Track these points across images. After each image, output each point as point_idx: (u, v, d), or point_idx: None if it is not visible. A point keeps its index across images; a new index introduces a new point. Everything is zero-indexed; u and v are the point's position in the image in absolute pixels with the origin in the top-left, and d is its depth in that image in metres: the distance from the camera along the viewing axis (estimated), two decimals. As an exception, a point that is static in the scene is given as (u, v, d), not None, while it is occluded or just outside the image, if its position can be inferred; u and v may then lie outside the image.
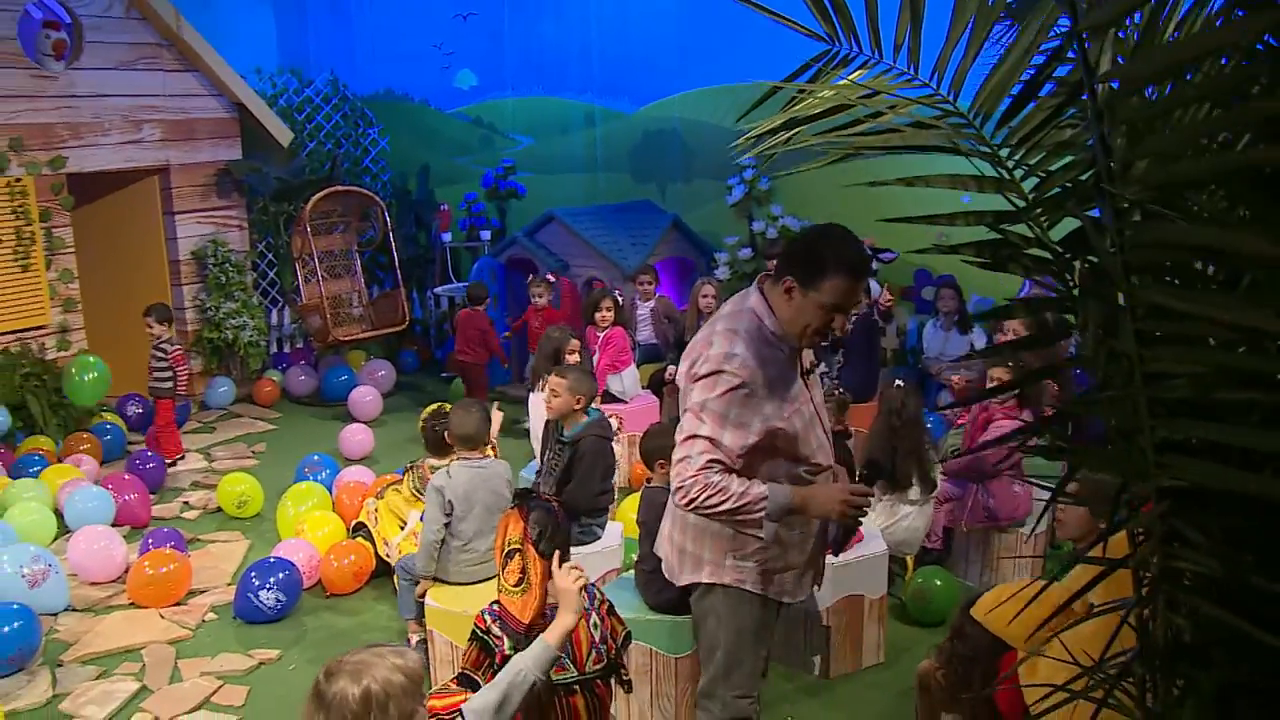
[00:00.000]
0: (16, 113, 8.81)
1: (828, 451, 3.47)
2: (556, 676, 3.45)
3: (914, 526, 5.68)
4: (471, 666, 3.50)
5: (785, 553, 3.45)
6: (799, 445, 3.35)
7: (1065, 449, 1.48)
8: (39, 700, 5.02)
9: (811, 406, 3.40)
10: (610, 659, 3.61)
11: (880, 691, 4.96)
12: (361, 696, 2.45)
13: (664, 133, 10.81)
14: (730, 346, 3.25)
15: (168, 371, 8.19)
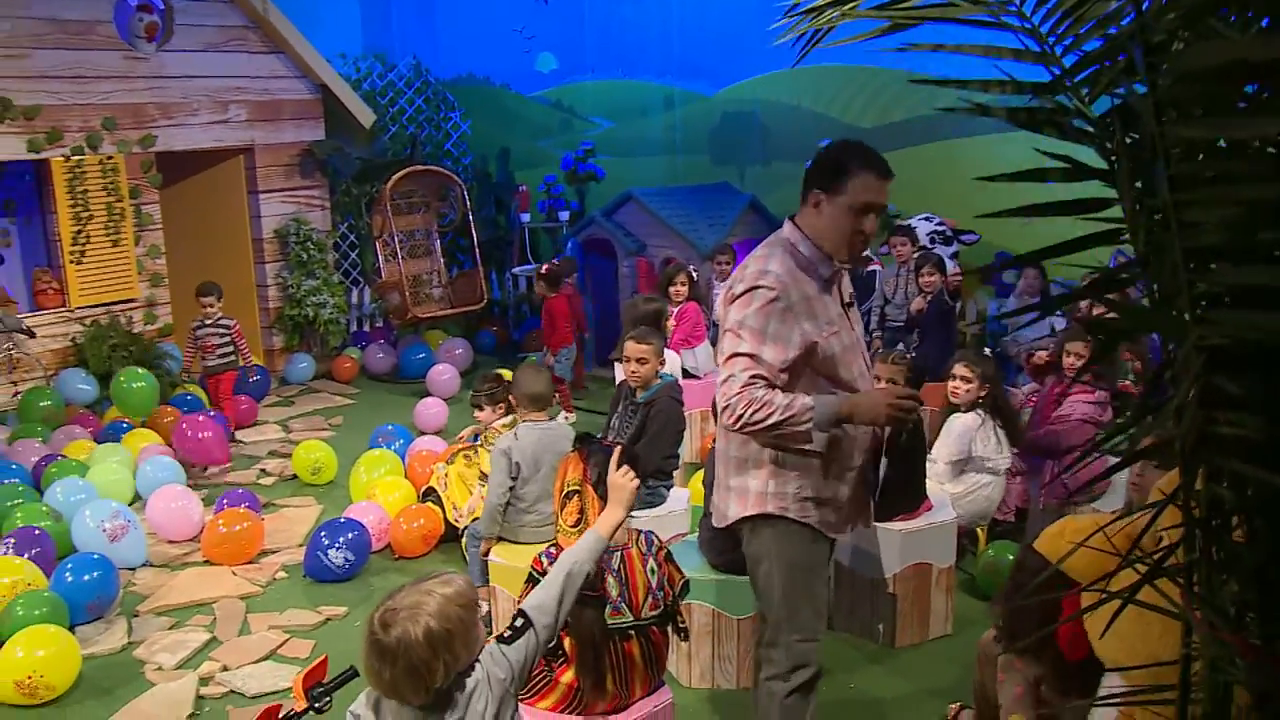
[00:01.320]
0: (110, 93, 9.05)
1: (869, 383, 3.46)
2: (612, 621, 3.43)
3: (990, 497, 5.57)
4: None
5: (827, 484, 3.39)
6: (839, 368, 3.31)
7: (1112, 307, 1.41)
8: (115, 646, 5.15)
9: (853, 335, 3.41)
10: (667, 606, 3.59)
11: (946, 662, 4.87)
12: (425, 639, 2.44)
13: (743, 115, 10.75)
14: (765, 265, 3.27)
15: (229, 346, 8.37)
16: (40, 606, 4.98)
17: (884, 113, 9.87)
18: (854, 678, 4.74)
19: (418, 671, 2.44)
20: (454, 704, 2.54)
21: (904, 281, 8.32)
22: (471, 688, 2.56)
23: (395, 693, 2.48)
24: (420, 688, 2.46)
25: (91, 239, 8.95)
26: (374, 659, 2.46)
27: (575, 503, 3.48)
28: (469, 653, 2.53)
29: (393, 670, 2.43)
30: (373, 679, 2.50)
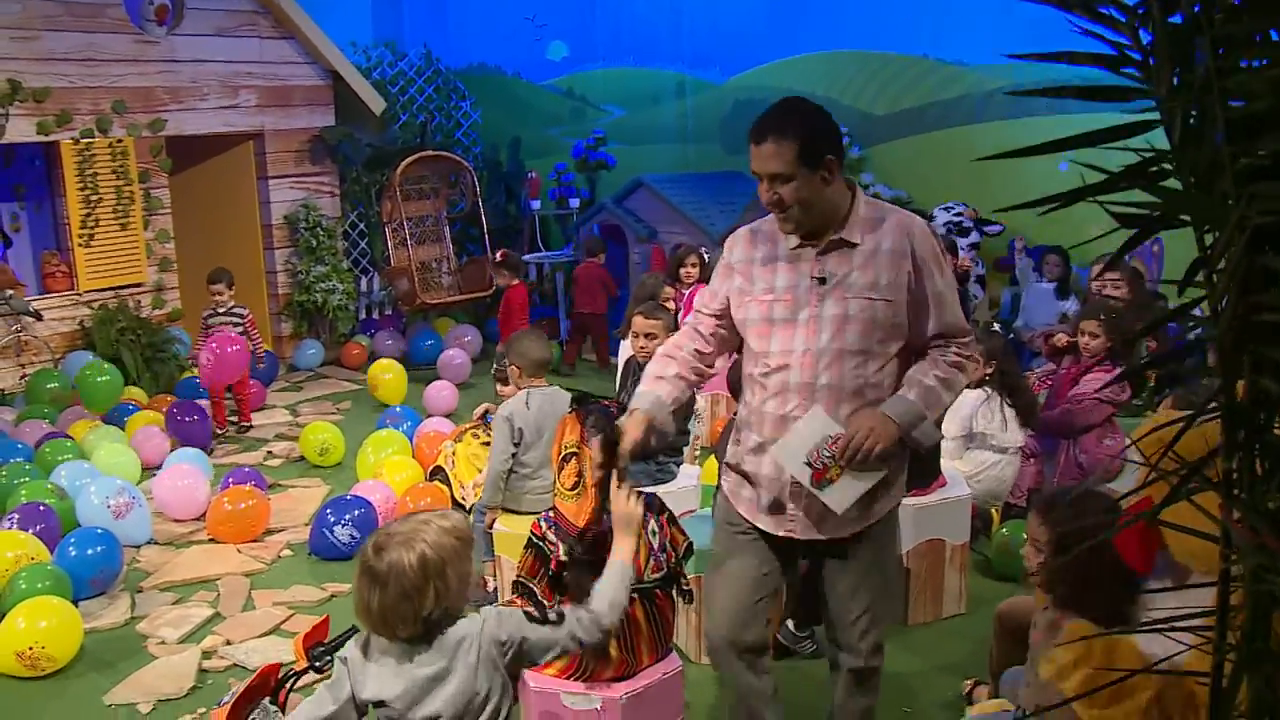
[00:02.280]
0: (120, 76, 9.02)
1: (805, 366, 3.00)
2: None
3: (1001, 477, 5.48)
4: (528, 574, 3.44)
5: (750, 455, 3.17)
6: (753, 336, 3.09)
7: (1151, 190, 1.34)
8: (118, 621, 5.11)
9: (805, 312, 3.00)
10: (670, 568, 3.53)
11: (959, 639, 4.78)
12: (419, 564, 2.42)
13: (755, 102, 10.65)
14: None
15: (244, 335, 8.13)
16: (43, 580, 4.93)
17: (896, 99, 9.80)
18: (866, 654, 4.65)
19: (408, 597, 2.40)
20: (441, 647, 2.48)
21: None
22: (461, 635, 2.50)
23: (384, 623, 2.43)
24: (410, 615, 2.41)
25: (100, 222, 8.91)
26: (365, 585, 2.43)
27: (573, 465, 3.42)
28: (461, 585, 2.49)
29: (383, 596, 2.40)
30: (361, 611, 2.46)
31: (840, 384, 2.99)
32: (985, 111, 9.33)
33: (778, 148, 2.85)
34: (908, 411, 2.90)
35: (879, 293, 2.95)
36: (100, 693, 4.46)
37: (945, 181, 9.34)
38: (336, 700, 2.52)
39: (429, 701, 2.47)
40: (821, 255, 2.98)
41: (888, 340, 3.00)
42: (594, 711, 3.32)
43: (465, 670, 2.49)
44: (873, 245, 2.95)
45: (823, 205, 2.92)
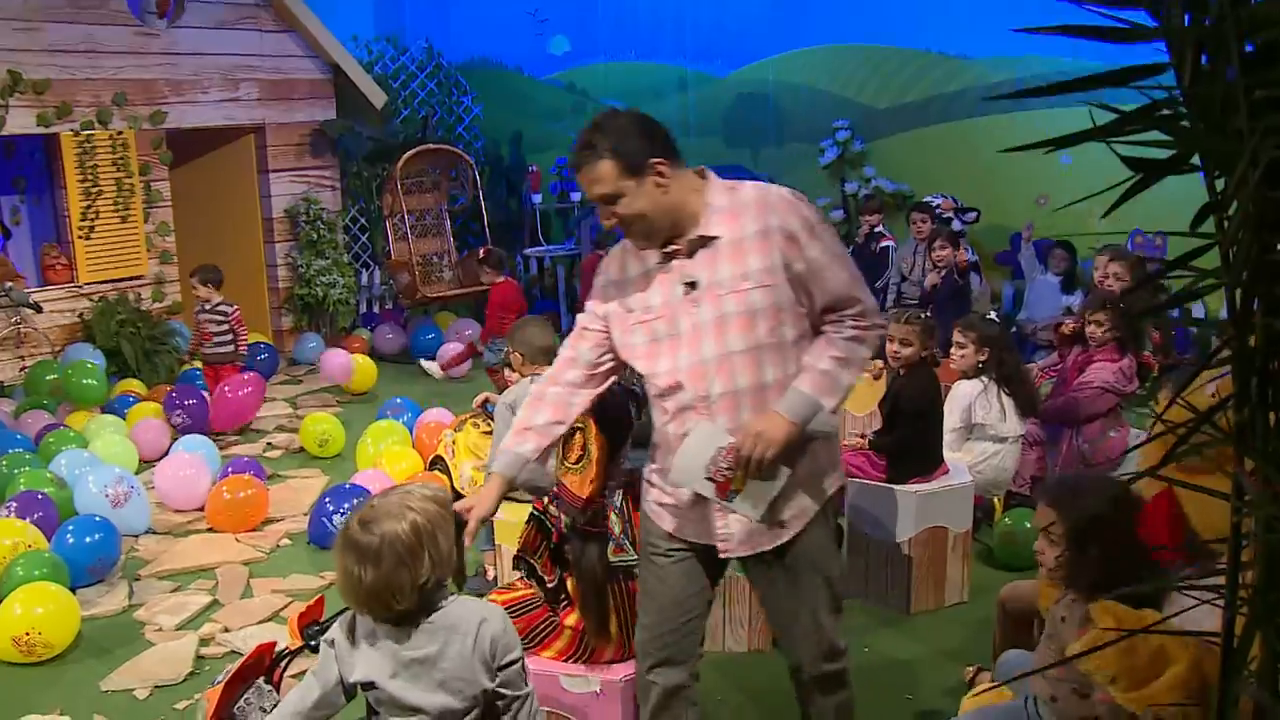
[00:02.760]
0: (120, 68, 9.01)
1: (694, 380, 2.79)
2: (614, 558, 3.34)
3: (1003, 466, 5.44)
4: (530, 549, 3.41)
5: (667, 484, 2.98)
6: (638, 359, 2.89)
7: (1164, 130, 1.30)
8: (115, 608, 5.08)
9: (684, 322, 2.79)
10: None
11: (962, 627, 4.75)
12: (412, 532, 2.40)
13: (756, 96, 10.67)
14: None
15: (228, 335, 7.89)
16: (40, 567, 4.90)
17: (899, 93, 9.78)
18: (869, 642, 4.62)
19: (405, 565, 2.37)
20: (431, 631, 2.45)
21: (921, 258, 8.22)
22: (453, 621, 2.47)
23: (377, 599, 2.39)
24: (407, 584, 2.38)
25: (101, 215, 8.90)
26: (353, 563, 2.37)
27: (578, 438, 3.39)
28: (449, 551, 2.47)
29: (376, 570, 2.36)
30: (351, 591, 2.41)
31: (735, 389, 2.77)
32: (988, 105, 9.29)
33: (594, 170, 2.70)
34: (800, 404, 2.69)
35: (752, 280, 2.71)
36: (97, 679, 4.43)
37: (948, 175, 9.32)
38: (324, 685, 2.49)
39: (418, 685, 2.44)
40: (686, 259, 2.77)
41: (779, 328, 2.75)
42: (593, 694, 3.29)
43: (457, 658, 2.45)
44: (736, 233, 2.73)
45: (667, 210, 2.72)
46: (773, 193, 2.79)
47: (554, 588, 3.38)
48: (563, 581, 3.36)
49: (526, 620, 3.43)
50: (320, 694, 2.49)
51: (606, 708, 3.30)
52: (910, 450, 4.90)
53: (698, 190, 2.77)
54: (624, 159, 2.67)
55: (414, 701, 2.44)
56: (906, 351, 4.96)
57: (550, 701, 3.36)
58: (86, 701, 4.26)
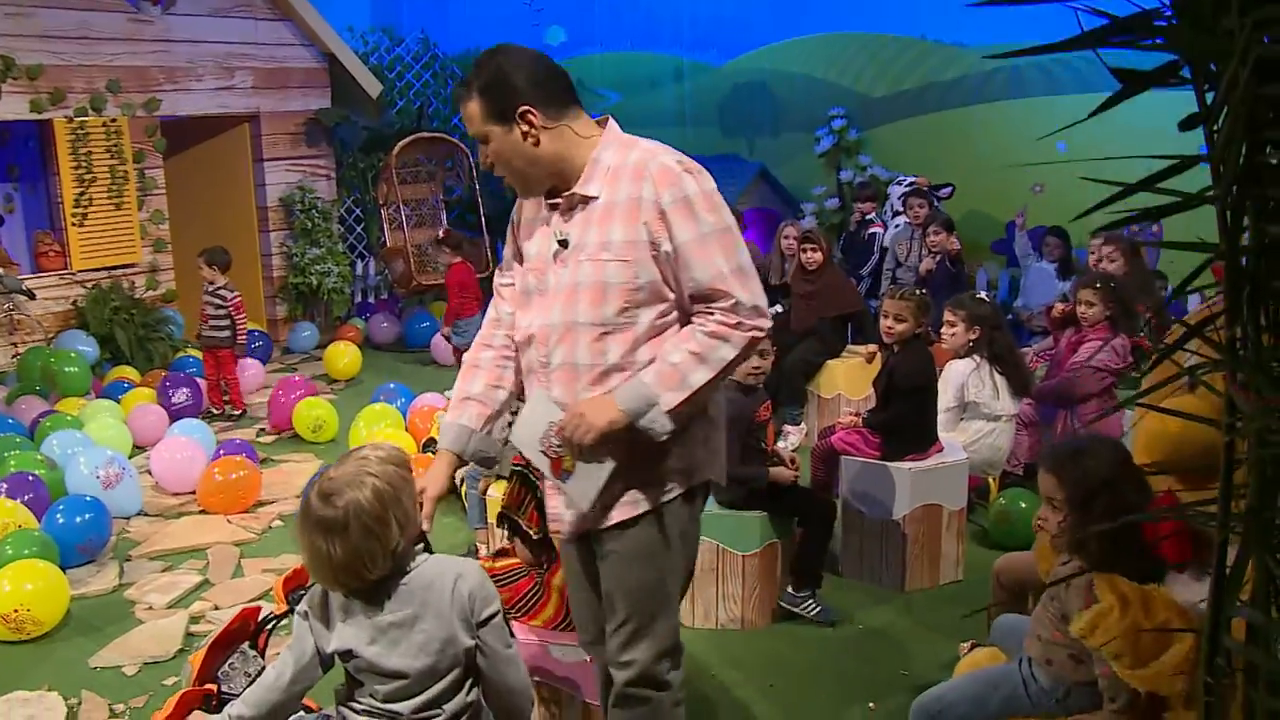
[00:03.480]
0: (114, 55, 8.97)
1: (539, 343, 2.66)
2: None
3: (997, 445, 5.42)
4: (514, 506, 3.36)
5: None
6: (518, 309, 2.76)
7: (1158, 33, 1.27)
8: (106, 587, 5.05)
9: (550, 279, 2.63)
10: None
11: (957, 604, 4.71)
12: (375, 498, 2.32)
13: (752, 85, 10.64)
14: None
15: (226, 320, 7.73)
16: (30, 545, 4.86)
17: (895, 81, 9.76)
18: (863, 619, 4.60)
19: (373, 534, 2.29)
20: (406, 595, 2.38)
21: (917, 244, 8.19)
22: (428, 580, 2.40)
23: (349, 571, 2.31)
24: (379, 551, 2.31)
25: (94, 202, 8.86)
26: (320, 539, 2.29)
27: None
28: (414, 511, 2.41)
29: (344, 542, 2.28)
30: (322, 568, 2.33)
31: (575, 363, 2.58)
32: (983, 92, 9.28)
33: (465, 109, 2.59)
34: (635, 395, 2.47)
35: (611, 252, 2.51)
36: (86, 656, 4.40)
37: (943, 163, 9.29)
38: (299, 659, 2.42)
39: (398, 650, 2.39)
40: (565, 215, 2.61)
41: (632, 309, 2.53)
42: (583, 663, 3.26)
43: (435, 618, 2.38)
44: (611, 197, 2.54)
45: (535, 161, 2.56)
46: (657, 159, 2.54)
47: (539, 539, 3.34)
48: (547, 535, 3.31)
49: (514, 589, 3.41)
50: (295, 669, 2.43)
51: (595, 675, 3.26)
52: (905, 427, 4.87)
53: (588, 143, 2.59)
54: (491, 102, 2.53)
55: (394, 666, 2.39)
56: (900, 327, 4.93)
57: (540, 673, 3.33)
58: (75, 678, 4.23)
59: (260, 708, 2.43)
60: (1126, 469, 2.72)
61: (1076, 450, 2.83)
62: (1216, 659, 1.42)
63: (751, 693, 4.01)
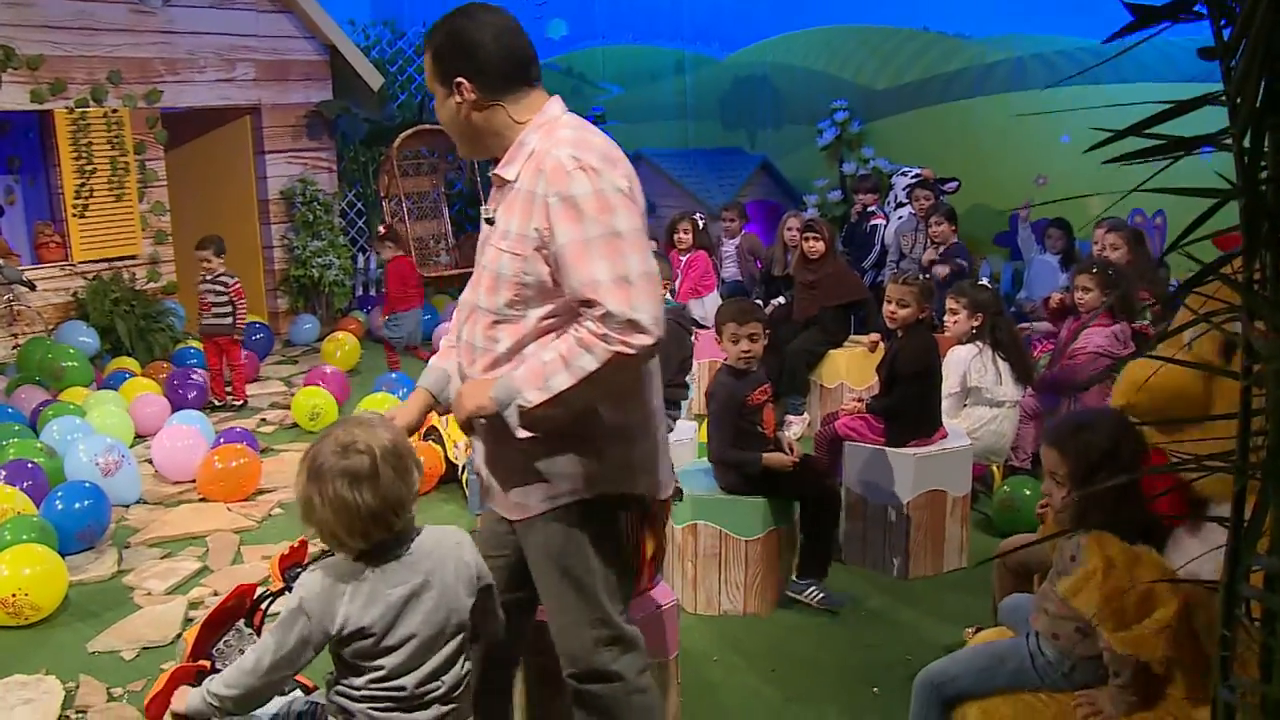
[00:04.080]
0: (116, 46, 8.95)
1: (458, 318, 2.71)
2: None
3: (1000, 431, 5.39)
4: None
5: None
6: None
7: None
8: (104, 574, 5.02)
9: (484, 259, 2.61)
10: None
11: (961, 591, 4.70)
12: (393, 439, 2.35)
13: (754, 78, 10.61)
14: None
15: (228, 306, 7.65)
16: (29, 531, 4.83)
17: (897, 74, 9.73)
18: (867, 605, 4.57)
19: (402, 476, 2.31)
20: (411, 563, 2.39)
21: (921, 236, 8.16)
22: (430, 547, 2.42)
23: (377, 522, 2.30)
24: (406, 495, 2.32)
25: (95, 193, 8.84)
26: (348, 489, 2.26)
27: None
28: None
29: (376, 489, 2.27)
30: (347, 522, 2.28)
31: (473, 344, 2.58)
32: (986, 84, 9.26)
33: (426, 59, 2.59)
34: (503, 386, 2.43)
35: (507, 243, 2.47)
36: (84, 641, 4.37)
37: (946, 155, 9.27)
38: (279, 649, 2.35)
39: (406, 620, 2.37)
40: (496, 193, 2.58)
41: (520, 304, 2.48)
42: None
43: (441, 585, 2.39)
44: (523, 185, 2.47)
45: (464, 132, 2.57)
46: (554, 152, 2.41)
47: None
48: None
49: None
50: (275, 657, 2.35)
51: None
52: (908, 412, 4.84)
53: (519, 127, 2.52)
54: (438, 63, 2.53)
55: (404, 634, 2.38)
56: (903, 312, 4.90)
57: (541, 652, 3.28)
58: (73, 662, 4.20)
59: (236, 688, 2.40)
60: (1126, 438, 2.70)
61: (1078, 424, 2.82)
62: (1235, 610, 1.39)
63: (754, 679, 3.98)
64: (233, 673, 2.43)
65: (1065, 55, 8.76)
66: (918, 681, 2.87)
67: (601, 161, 2.40)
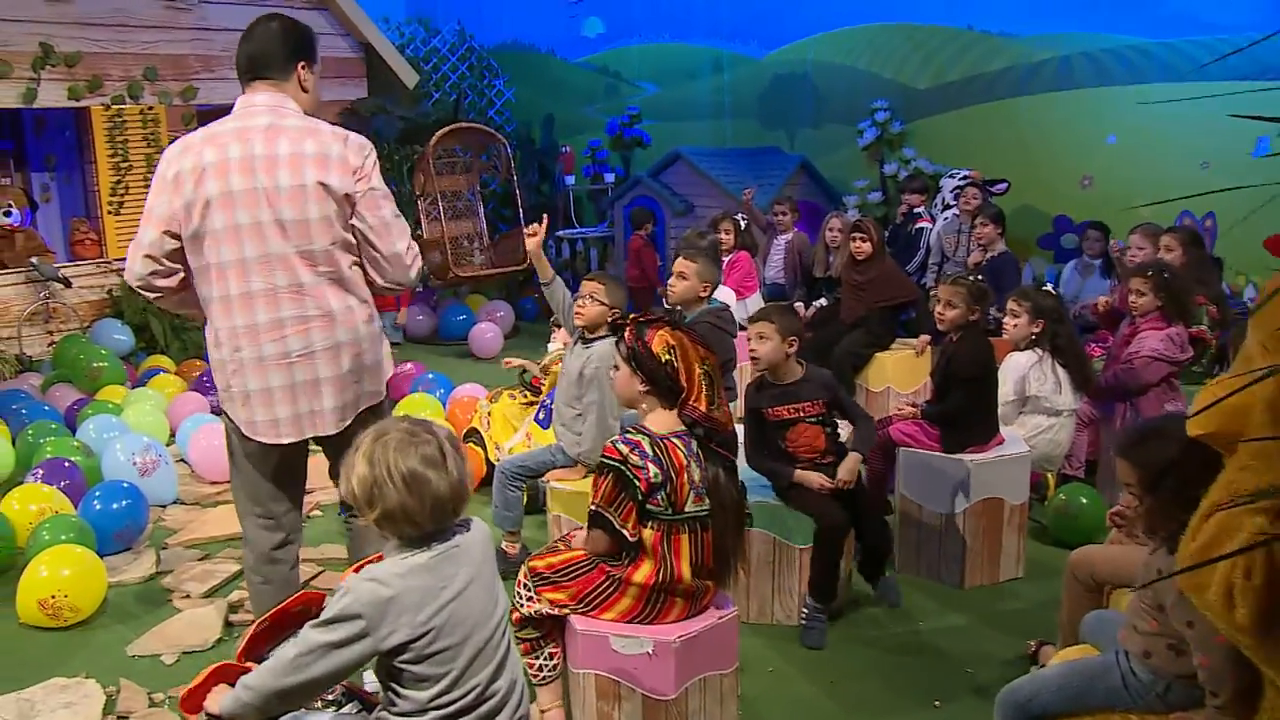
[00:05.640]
0: (151, 43, 8.92)
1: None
2: (693, 508, 3.17)
3: (1056, 440, 5.24)
4: (605, 503, 3.16)
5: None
6: None
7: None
8: (143, 575, 4.94)
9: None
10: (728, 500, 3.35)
11: (1018, 601, 4.56)
12: (452, 439, 2.37)
13: (794, 77, 10.47)
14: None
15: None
16: (67, 531, 4.78)
17: (939, 72, 9.57)
18: (923, 616, 4.44)
19: (463, 458, 2.36)
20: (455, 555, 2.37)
21: (965, 237, 8.00)
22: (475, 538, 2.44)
23: (447, 509, 2.32)
24: (469, 482, 2.37)
25: (130, 190, 8.80)
26: (431, 471, 2.27)
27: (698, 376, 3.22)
28: None
29: (447, 473, 2.30)
30: (427, 508, 2.28)
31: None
32: (1031, 84, 9.09)
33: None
34: None
35: None
36: (123, 644, 4.30)
37: (990, 156, 9.11)
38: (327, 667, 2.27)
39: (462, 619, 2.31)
40: None
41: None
42: (645, 655, 3.12)
43: (486, 575, 2.43)
44: None
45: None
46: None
47: (635, 542, 3.17)
48: (641, 537, 3.15)
49: (581, 583, 3.21)
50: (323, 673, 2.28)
51: (658, 668, 3.12)
52: (964, 418, 4.71)
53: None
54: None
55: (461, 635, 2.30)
56: (951, 313, 4.76)
57: (598, 664, 3.18)
58: (112, 665, 4.13)
59: (266, 688, 2.34)
60: (1194, 446, 2.59)
61: (1145, 433, 2.75)
62: None
63: (811, 690, 3.86)
64: (267, 671, 2.34)
65: (1113, 54, 8.59)
66: (1001, 699, 2.75)
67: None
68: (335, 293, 3.25)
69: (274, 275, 3.17)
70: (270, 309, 3.20)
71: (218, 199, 3.12)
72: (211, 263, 3.18)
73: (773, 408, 4.26)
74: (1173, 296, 5.46)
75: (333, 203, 3.17)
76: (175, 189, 3.14)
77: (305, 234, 3.16)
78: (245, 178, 3.13)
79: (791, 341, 4.23)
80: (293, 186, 3.13)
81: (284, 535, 3.65)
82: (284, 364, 3.24)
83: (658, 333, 3.21)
